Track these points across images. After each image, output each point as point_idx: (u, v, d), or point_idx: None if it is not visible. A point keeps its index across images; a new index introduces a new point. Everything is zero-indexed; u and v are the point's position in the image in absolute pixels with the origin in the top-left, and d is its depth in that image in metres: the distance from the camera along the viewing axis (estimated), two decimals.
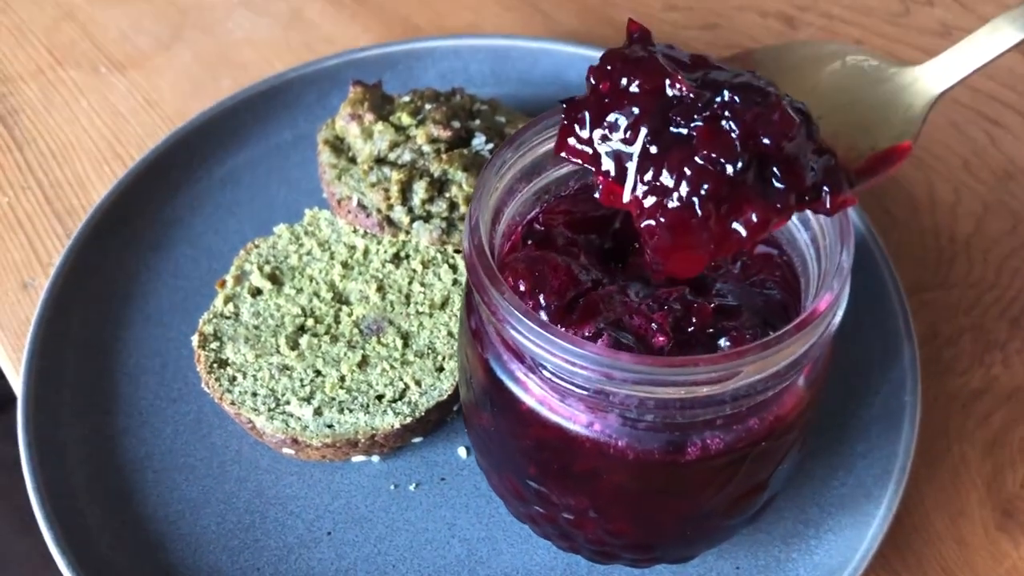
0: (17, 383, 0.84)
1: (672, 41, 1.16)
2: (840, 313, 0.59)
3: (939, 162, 1.05)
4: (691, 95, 0.55)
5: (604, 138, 0.57)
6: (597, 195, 0.58)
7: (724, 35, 1.18)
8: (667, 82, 0.56)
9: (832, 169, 0.55)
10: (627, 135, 0.56)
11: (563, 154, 0.59)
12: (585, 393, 0.57)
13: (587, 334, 0.60)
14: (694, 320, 0.61)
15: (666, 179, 0.55)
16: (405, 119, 0.87)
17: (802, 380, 0.61)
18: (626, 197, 0.56)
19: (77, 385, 0.83)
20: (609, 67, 0.58)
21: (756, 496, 0.65)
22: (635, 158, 0.56)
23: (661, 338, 0.61)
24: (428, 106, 0.89)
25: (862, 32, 1.19)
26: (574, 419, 0.60)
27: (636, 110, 0.56)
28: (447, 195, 0.85)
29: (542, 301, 0.63)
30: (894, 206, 1.01)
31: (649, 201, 0.55)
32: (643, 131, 0.56)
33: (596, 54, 1.04)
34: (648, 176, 0.55)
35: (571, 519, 0.65)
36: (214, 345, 0.81)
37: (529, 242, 0.68)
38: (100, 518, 0.76)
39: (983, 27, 0.60)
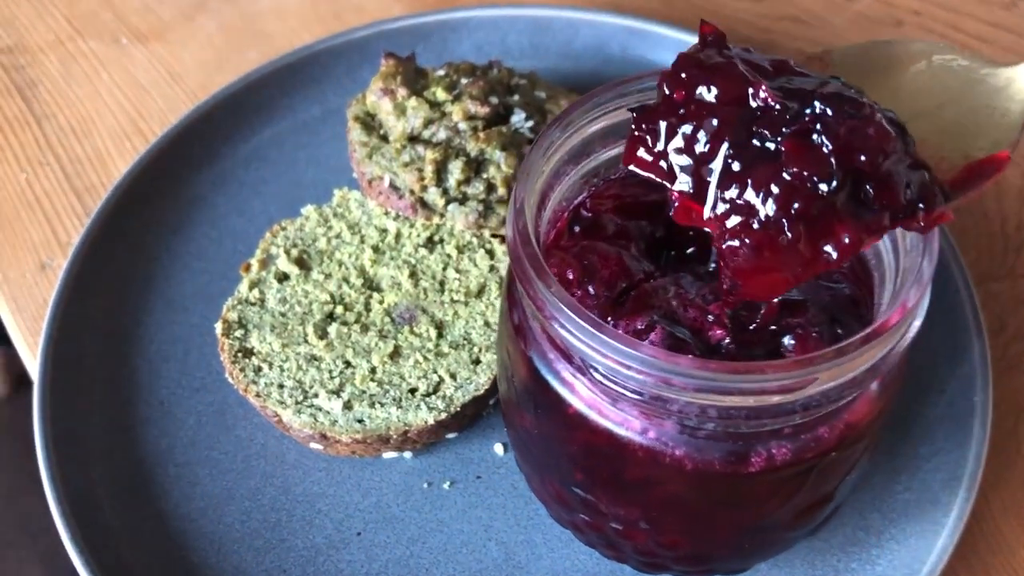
0: (35, 368, 0.80)
1: (715, 12, 1.10)
2: (921, 316, 0.53)
3: None
4: (777, 106, 0.50)
5: (680, 151, 0.52)
6: (672, 212, 0.53)
7: (771, 4, 1.12)
8: (750, 91, 0.51)
9: (927, 185, 0.50)
10: (706, 149, 0.51)
11: (633, 167, 0.54)
12: (639, 398, 0.52)
13: (639, 327, 0.56)
14: (757, 317, 0.56)
15: (751, 197, 0.50)
16: (440, 94, 0.82)
17: (875, 386, 0.56)
18: (706, 215, 0.51)
19: (95, 373, 0.80)
20: (684, 74, 0.52)
21: (821, 508, 0.60)
22: (716, 174, 0.51)
23: (718, 331, 0.56)
24: (464, 80, 0.84)
25: (920, 2, 1.12)
26: (626, 425, 0.55)
27: (715, 122, 0.51)
28: (484, 176, 0.80)
29: (591, 291, 0.58)
30: None
31: (732, 221, 0.50)
32: (724, 145, 0.51)
33: (639, 25, 1.01)
34: (730, 194, 0.50)
35: (620, 529, 0.61)
36: (238, 333, 0.77)
37: (576, 229, 0.63)
38: (118, 514, 0.73)
39: None
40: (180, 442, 0.77)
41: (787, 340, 0.56)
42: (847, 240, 0.49)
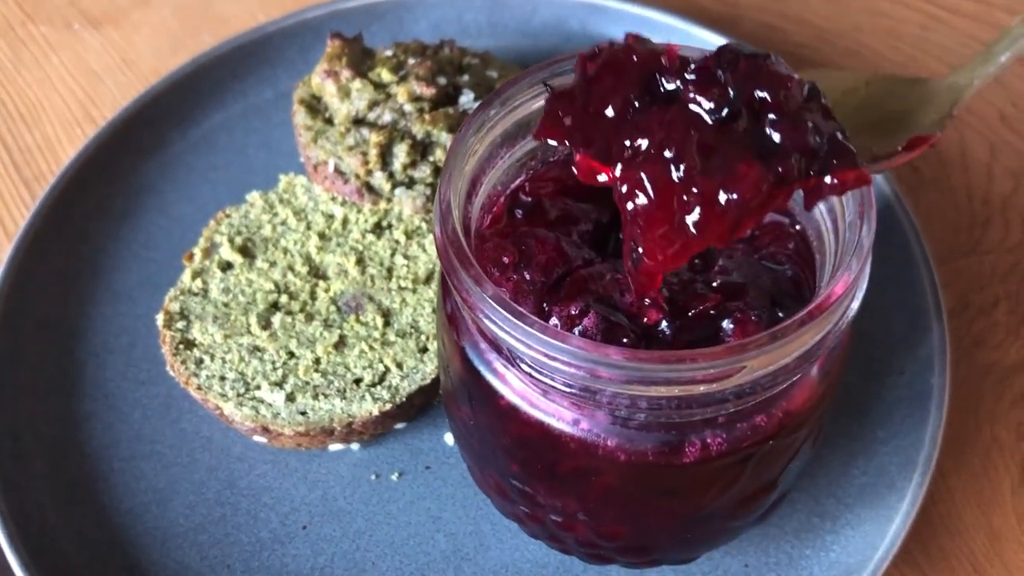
0: None
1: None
2: (859, 297, 0.52)
3: (972, 115, 0.96)
4: (681, 61, 0.49)
5: (589, 113, 0.51)
6: (575, 170, 0.52)
7: None
8: (663, 59, 0.50)
9: (840, 140, 0.48)
10: (614, 110, 0.50)
11: (546, 138, 0.53)
12: (569, 390, 0.51)
13: (573, 312, 0.54)
14: (696, 305, 0.54)
15: (646, 140, 0.48)
16: (385, 75, 0.80)
17: (815, 371, 0.55)
18: (614, 173, 0.50)
19: (38, 366, 0.78)
20: (598, 50, 0.52)
21: (764, 497, 0.59)
22: (621, 128, 0.49)
23: (656, 313, 0.54)
24: (412, 60, 0.81)
25: None
26: (558, 416, 0.54)
27: (624, 83, 0.50)
28: (431, 159, 0.78)
29: (527, 276, 0.56)
30: (922, 164, 0.92)
31: (628, 169, 0.48)
32: (630, 99, 0.49)
33: (598, 1, 0.98)
34: (631, 143, 0.49)
35: (560, 521, 0.60)
36: (180, 324, 0.75)
37: (518, 213, 0.61)
38: (60, 511, 0.71)
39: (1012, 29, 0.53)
40: (125, 436, 0.75)
41: (726, 324, 0.54)
42: (750, 177, 0.46)
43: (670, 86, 0.49)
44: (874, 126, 0.54)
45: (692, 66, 0.49)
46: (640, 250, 0.49)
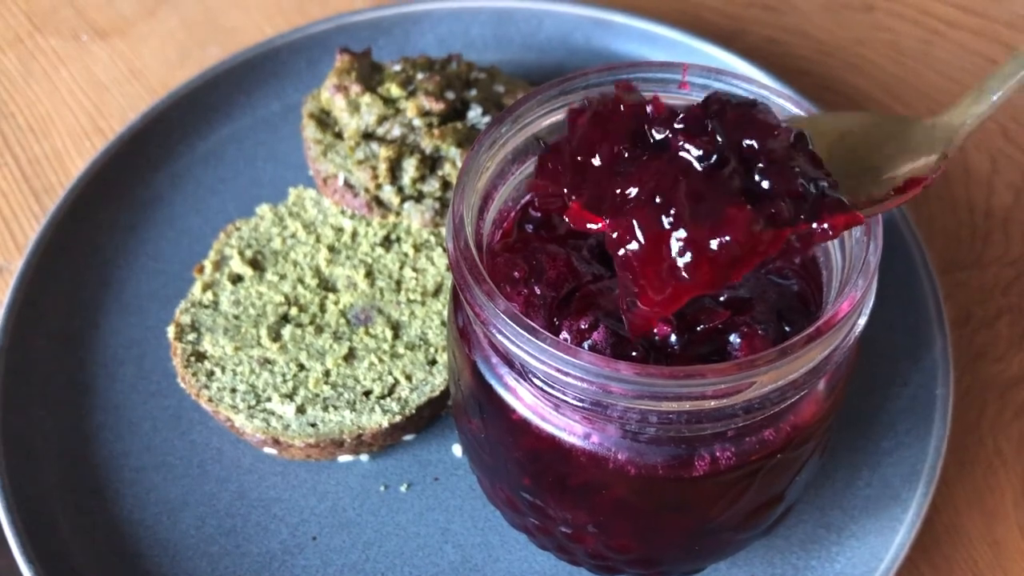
0: None
1: (717, 19, 1.07)
2: (866, 314, 0.52)
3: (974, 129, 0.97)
4: (669, 112, 0.51)
5: (582, 167, 0.52)
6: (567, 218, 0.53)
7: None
8: (648, 108, 0.52)
9: (829, 187, 0.49)
10: (601, 158, 0.51)
11: (539, 191, 0.55)
12: (580, 404, 0.51)
13: (583, 327, 0.55)
14: (703, 320, 0.55)
15: (636, 188, 0.49)
16: (394, 90, 0.81)
17: (822, 386, 0.55)
18: (603, 219, 0.51)
19: (49, 377, 0.79)
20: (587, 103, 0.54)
21: (771, 509, 0.60)
22: (612, 179, 0.50)
23: (664, 327, 0.55)
24: (420, 75, 0.82)
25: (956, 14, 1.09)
26: (569, 430, 0.54)
27: (613, 133, 0.51)
28: (440, 173, 0.79)
29: (537, 291, 0.57)
30: None
31: (619, 216, 0.49)
32: (618, 149, 0.51)
33: (603, 15, 0.99)
34: (619, 190, 0.50)
35: (569, 533, 0.60)
36: (191, 337, 0.76)
37: (528, 228, 0.62)
38: (72, 522, 0.72)
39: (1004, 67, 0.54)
40: (135, 447, 0.76)
41: (733, 338, 0.55)
42: (740, 220, 0.46)
43: (659, 136, 0.50)
44: (871, 169, 0.55)
45: (680, 115, 0.50)
46: (635, 296, 0.49)
